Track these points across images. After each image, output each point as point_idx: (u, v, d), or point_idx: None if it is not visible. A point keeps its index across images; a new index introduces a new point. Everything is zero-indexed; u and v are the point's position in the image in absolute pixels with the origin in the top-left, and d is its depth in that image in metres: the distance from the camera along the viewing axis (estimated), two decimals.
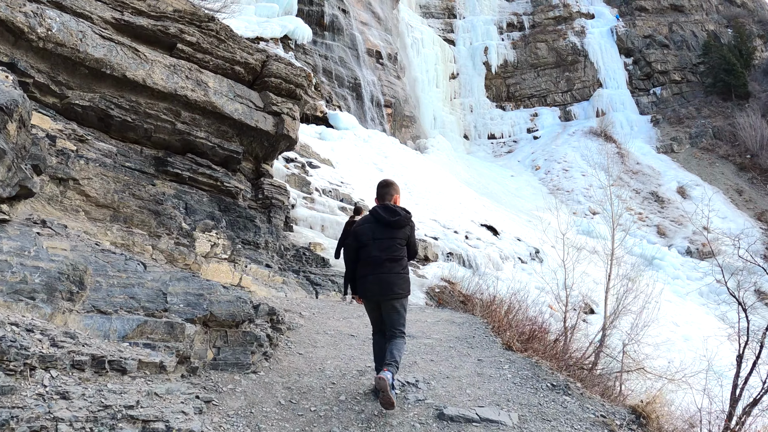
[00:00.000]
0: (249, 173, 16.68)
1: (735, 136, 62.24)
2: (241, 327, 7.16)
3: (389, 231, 6.69)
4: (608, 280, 23.88)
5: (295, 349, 8.26)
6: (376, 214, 6.82)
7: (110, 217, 8.57)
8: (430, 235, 28.96)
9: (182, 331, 6.21)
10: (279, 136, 15.99)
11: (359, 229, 6.89)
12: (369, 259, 6.68)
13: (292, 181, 25.92)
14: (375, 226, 6.76)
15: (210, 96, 15.02)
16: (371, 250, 6.67)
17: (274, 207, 16.48)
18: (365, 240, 6.73)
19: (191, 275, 7.33)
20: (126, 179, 8.93)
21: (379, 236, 6.68)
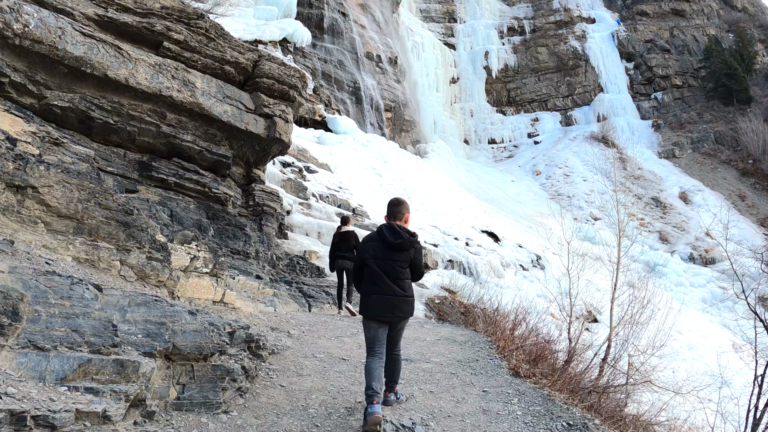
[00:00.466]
0: (239, 179, 15.72)
1: (737, 141, 61.34)
2: (210, 360, 6.18)
3: (391, 252, 6.59)
4: (614, 289, 22.88)
5: (277, 379, 7.28)
6: (381, 234, 6.72)
7: (73, 230, 7.59)
8: (430, 242, 28.00)
9: (135, 370, 5.22)
10: (271, 139, 15.03)
11: (363, 246, 6.86)
12: (371, 278, 6.60)
13: (287, 186, 24.97)
14: (378, 245, 6.67)
15: (197, 97, 14.08)
16: (372, 270, 6.59)
17: (266, 214, 15.53)
18: (367, 258, 6.66)
19: (153, 299, 6.33)
20: (92, 187, 7.94)
21: (381, 256, 6.60)
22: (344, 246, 15.32)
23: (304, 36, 45.88)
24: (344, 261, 15.19)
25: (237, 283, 12.95)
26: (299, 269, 16.94)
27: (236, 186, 15.42)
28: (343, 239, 15.44)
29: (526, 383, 7.76)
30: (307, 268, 17.26)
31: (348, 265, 15.15)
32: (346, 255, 15.22)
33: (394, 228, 6.64)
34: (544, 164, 60.18)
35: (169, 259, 8.83)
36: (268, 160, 16.19)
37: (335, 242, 15.50)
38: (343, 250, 15.29)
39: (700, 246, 49.80)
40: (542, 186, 56.84)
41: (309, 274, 17.19)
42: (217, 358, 6.26)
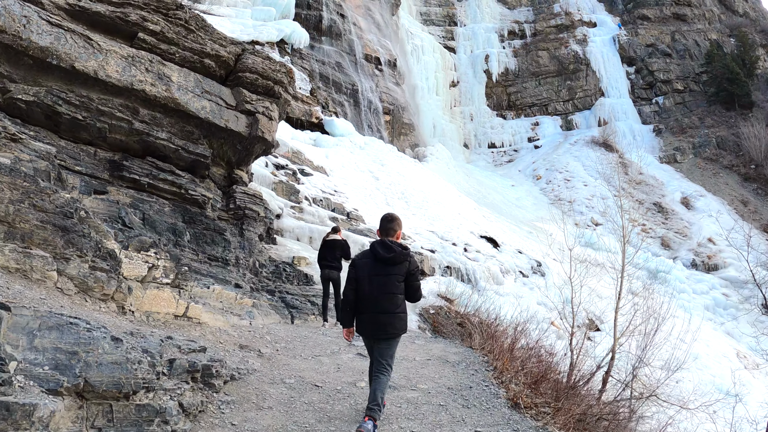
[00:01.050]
0: (220, 180, 14.54)
1: (739, 146, 60.28)
2: (134, 398, 4.97)
3: (385, 267, 6.60)
4: (618, 298, 21.67)
5: (230, 415, 6.08)
6: (373, 250, 6.77)
7: (4, 235, 6.43)
8: (427, 248, 26.80)
9: (28, 414, 4.03)
10: (253, 138, 13.86)
11: (358, 263, 6.81)
12: (365, 297, 6.62)
13: (279, 189, 23.80)
14: (372, 262, 6.69)
15: (173, 91, 12.92)
16: (366, 287, 6.60)
17: (248, 218, 14.35)
18: (361, 276, 6.66)
19: (69, 321, 5.12)
20: (26, 186, 6.78)
21: (375, 272, 6.62)
22: (330, 255, 14.31)
23: (302, 37, 44.77)
24: (330, 271, 14.20)
25: (212, 293, 11.78)
26: (285, 277, 15.75)
27: (216, 188, 14.26)
28: (329, 247, 14.38)
29: (527, 419, 6.57)
30: (294, 275, 16.08)
31: (334, 275, 14.18)
32: (332, 264, 14.23)
33: (385, 243, 6.67)
34: (544, 169, 59.00)
35: (118, 269, 7.67)
36: (252, 160, 15.01)
37: (321, 250, 14.46)
38: (329, 259, 14.29)
39: (702, 252, 48.61)
40: (542, 191, 55.65)
41: (296, 281, 16.00)
42: (143, 396, 5.06)
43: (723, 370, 32.36)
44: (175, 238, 12.75)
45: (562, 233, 44.99)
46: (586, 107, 67.67)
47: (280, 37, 43.66)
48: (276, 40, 43.33)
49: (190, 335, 8.31)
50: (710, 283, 45.02)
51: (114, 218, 11.89)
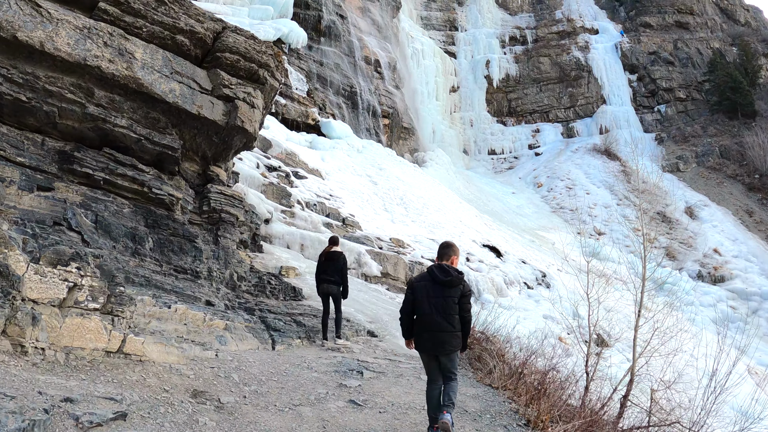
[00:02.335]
0: (193, 177, 12.21)
1: (743, 155, 58.23)
2: None
3: (442, 290, 6.84)
4: (637, 316, 19.36)
5: None
6: (431, 273, 6.97)
7: None
8: (427, 257, 24.52)
9: None
10: (231, 128, 11.55)
11: (417, 285, 7.03)
12: (423, 317, 6.88)
13: (268, 192, 21.51)
14: (430, 284, 6.92)
15: (135, 70, 10.62)
16: (425, 308, 6.86)
17: (224, 223, 12.02)
18: (420, 297, 6.91)
19: None
20: None
21: (434, 294, 6.86)
22: (331, 268, 12.13)
23: (299, 37, 42.47)
24: (330, 285, 12.07)
25: (173, 314, 9.47)
26: (270, 291, 13.41)
27: (188, 186, 11.92)
28: (330, 260, 12.14)
29: None
30: (279, 289, 13.74)
31: (334, 290, 12.04)
32: (332, 279, 12.08)
33: (443, 267, 6.93)
34: (545, 176, 56.79)
35: (13, 290, 5.33)
36: (231, 155, 12.67)
37: (321, 263, 12.32)
38: (329, 273, 12.13)
39: (708, 263, 46.39)
40: (544, 198, 53.42)
41: (282, 296, 13.67)
42: None
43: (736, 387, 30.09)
44: (134, 246, 10.44)
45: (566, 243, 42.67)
46: (587, 115, 65.50)
47: (278, 37, 41.37)
48: (273, 39, 41.02)
49: (121, 383, 6.02)
50: (717, 295, 42.83)
51: (58, 220, 9.62)
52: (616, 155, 58.86)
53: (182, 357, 7.59)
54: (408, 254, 24.14)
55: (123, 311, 6.69)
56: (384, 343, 12.57)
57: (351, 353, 10.84)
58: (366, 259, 20.90)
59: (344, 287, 12.11)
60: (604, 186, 53.65)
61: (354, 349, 11.33)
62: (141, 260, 10.42)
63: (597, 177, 54.93)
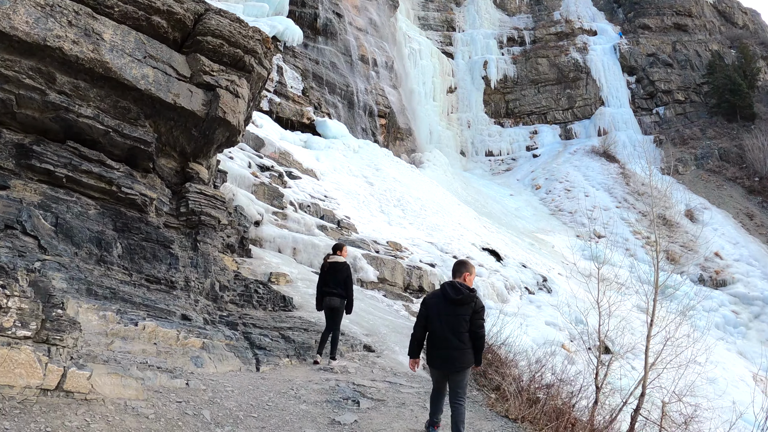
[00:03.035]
0: (170, 176, 10.85)
1: (742, 158, 57.15)
2: None
3: (454, 308, 6.82)
4: (650, 326, 18.10)
5: None
6: (444, 292, 6.95)
7: None
8: (426, 261, 23.20)
9: None
10: (212, 120, 10.22)
11: (430, 303, 7.05)
12: (435, 334, 6.91)
13: (259, 192, 20.16)
14: (442, 302, 6.91)
15: (102, 53, 9.27)
16: (436, 325, 6.88)
17: (204, 227, 10.67)
18: (432, 314, 6.94)
19: None
20: None
21: (445, 312, 6.86)
22: (333, 280, 10.84)
23: (295, 34, 41.10)
24: (332, 298, 10.76)
25: (141, 331, 8.14)
26: (257, 300, 12.06)
27: (164, 185, 10.59)
28: (333, 271, 10.82)
29: None
30: (268, 298, 12.37)
31: (337, 303, 10.75)
32: (335, 291, 10.77)
33: (455, 285, 6.88)
34: (543, 178, 55.47)
35: None
36: (213, 150, 11.30)
37: (323, 273, 11.02)
38: (331, 285, 10.82)
39: (709, 267, 45.19)
40: (542, 201, 52.09)
41: (271, 306, 12.31)
42: None
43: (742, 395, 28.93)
44: (99, 252, 9.10)
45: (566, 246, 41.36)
46: (585, 116, 64.19)
47: (273, 34, 39.96)
48: None
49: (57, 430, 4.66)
50: (719, 300, 41.65)
51: (10, 223, 8.31)
52: (614, 157, 57.60)
53: (143, 390, 6.24)
54: (406, 258, 22.83)
55: (63, 339, 5.34)
56: (382, 359, 11.24)
57: (346, 374, 9.51)
58: (362, 264, 19.57)
59: (348, 301, 10.80)
60: (603, 188, 52.38)
61: (349, 368, 10.00)
62: (107, 269, 9.08)
63: (596, 179, 53.65)
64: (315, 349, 10.41)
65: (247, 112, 12.10)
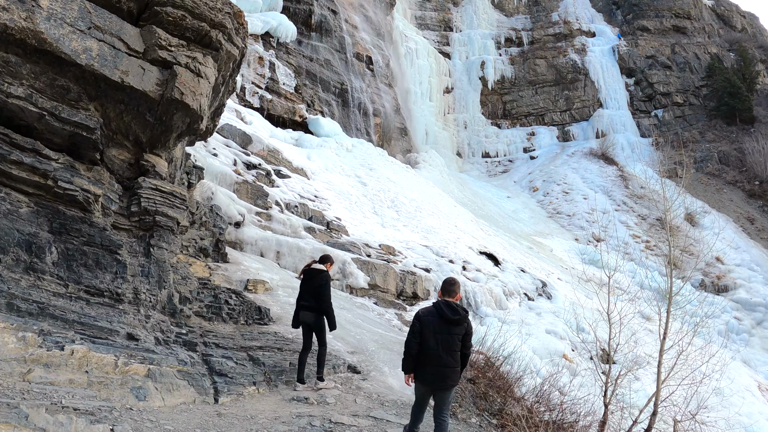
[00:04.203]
0: (122, 169, 9.24)
1: (742, 161, 55.78)
2: None
3: (449, 327, 6.81)
4: (663, 338, 16.60)
5: None
6: (439, 310, 6.86)
7: None
8: (420, 266, 21.62)
9: None
10: (168, 102, 8.59)
11: (424, 319, 6.89)
12: (429, 351, 6.81)
13: (242, 191, 18.55)
14: (438, 320, 6.82)
15: (37, 22, 7.63)
16: (431, 343, 6.79)
17: (160, 229, 9.06)
18: (428, 332, 6.81)
19: None
20: None
21: (440, 331, 6.80)
22: (308, 290, 9.31)
23: (288, 31, 39.51)
24: (305, 313, 9.17)
25: (69, 357, 6.54)
26: (227, 313, 10.44)
27: (115, 180, 8.95)
28: (307, 280, 9.25)
29: None
30: (240, 310, 10.74)
31: (309, 319, 9.18)
32: (306, 304, 9.22)
33: (451, 305, 6.84)
34: (541, 180, 53.88)
35: None
36: (173, 140, 9.63)
37: (300, 284, 9.52)
38: (304, 296, 9.28)
39: (711, 272, 43.72)
40: (540, 203, 50.49)
41: (244, 319, 10.69)
42: None
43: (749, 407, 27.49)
44: (29, 258, 7.50)
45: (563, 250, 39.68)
46: (583, 118, 62.57)
47: (265, 30, 38.41)
48: (260, 32, 38.09)
49: None
50: (721, 306, 40.13)
51: None
52: (613, 160, 56.08)
53: None
54: (399, 263, 21.23)
55: None
56: (369, 382, 9.62)
57: (323, 406, 7.91)
58: (352, 269, 17.95)
59: (327, 315, 9.18)
60: (602, 191, 50.83)
61: (328, 396, 8.39)
62: (38, 278, 7.48)
63: (594, 182, 52.10)
64: (287, 374, 8.79)
65: (217, 99, 10.48)
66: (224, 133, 24.26)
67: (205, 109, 9.02)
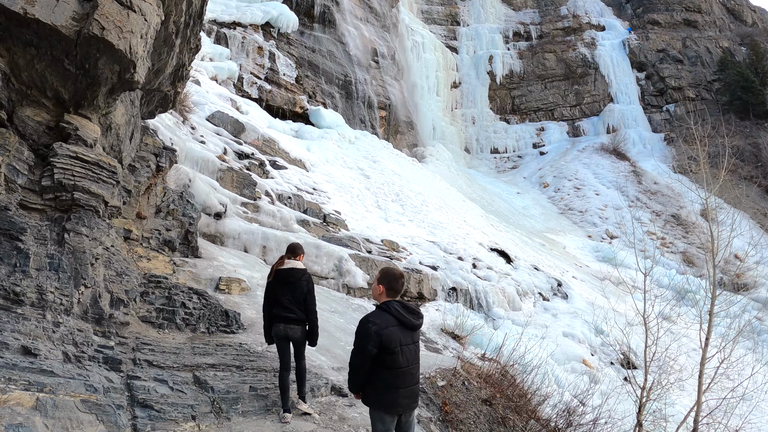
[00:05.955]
0: (39, 134, 6.99)
1: (757, 156, 53.44)
2: None
3: (412, 335, 5.35)
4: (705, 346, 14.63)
5: None
6: (398, 315, 5.22)
7: None
8: (427, 264, 19.39)
9: None
10: (87, 41, 6.32)
11: (384, 334, 5.09)
12: (401, 371, 5.19)
13: (226, 179, 16.36)
14: (399, 330, 5.20)
15: None
16: (401, 361, 5.17)
17: (80, 208, 6.79)
18: (393, 348, 5.13)
19: None
20: None
21: (405, 342, 5.24)
22: (287, 296, 6.94)
23: (290, 21, 37.42)
24: (290, 326, 6.87)
25: None
26: (182, 319, 8.22)
27: (25, 148, 6.71)
28: (285, 283, 6.98)
29: None
30: (201, 315, 8.52)
31: (298, 334, 6.92)
32: (291, 315, 6.87)
33: (409, 307, 5.35)
34: (551, 176, 51.56)
35: None
36: (103, 96, 7.35)
37: (270, 288, 7.08)
38: (284, 303, 6.90)
39: (729, 270, 41.28)
40: (551, 199, 48.18)
41: (204, 326, 8.47)
42: None
43: None
44: None
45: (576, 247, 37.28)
46: (594, 113, 60.19)
47: (266, 20, 36.36)
48: (261, 22, 36.04)
49: None
50: (742, 305, 37.74)
51: None
52: (625, 155, 53.75)
53: None
54: (403, 259, 19.04)
55: None
56: (357, 409, 7.37)
57: None
58: (349, 267, 15.73)
59: (311, 328, 7.03)
60: (614, 187, 48.48)
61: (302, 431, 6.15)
62: None
63: (606, 177, 49.77)
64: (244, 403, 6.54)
65: (171, 55, 8.26)
66: (215, 121, 22.15)
67: (138, 52, 6.77)
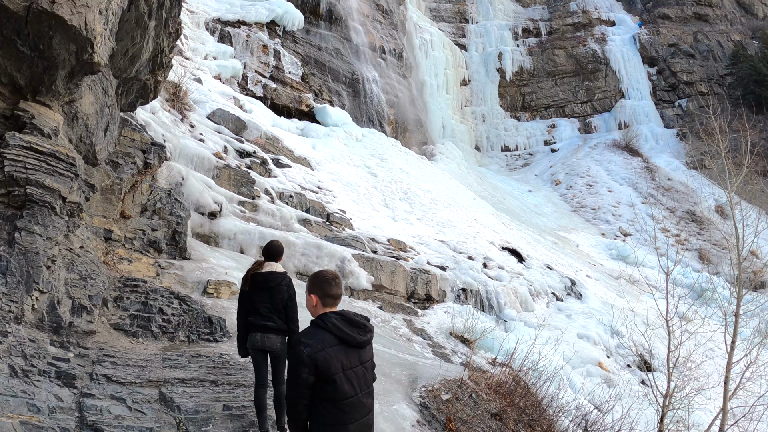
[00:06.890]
0: None
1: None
2: None
3: (359, 354, 3.99)
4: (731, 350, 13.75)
5: None
6: (340, 333, 3.91)
7: None
8: (435, 263, 18.50)
9: None
10: (38, 16, 5.41)
11: (321, 356, 3.78)
12: (345, 402, 3.86)
13: (224, 177, 15.52)
14: (342, 351, 3.89)
15: None
16: (347, 390, 3.86)
17: (33, 204, 5.91)
18: (335, 374, 3.80)
19: None
20: None
21: (350, 365, 3.91)
22: (266, 303, 6.12)
23: (295, 19, 36.59)
24: (268, 336, 6.04)
25: None
26: (159, 326, 7.37)
27: None
28: (264, 288, 6.14)
29: None
30: (181, 321, 7.67)
31: (277, 345, 6.05)
32: (270, 323, 6.04)
33: (352, 319, 4.00)
34: (563, 173, 50.53)
35: None
36: (61, 80, 6.47)
37: (245, 295, 6.31)
38: (262, 311, 6.09)
39: (746, 267, 39.97)
40: (563, 197, 47.16)
41: (184, 334, 7.62)
42: None
43: None
44: None
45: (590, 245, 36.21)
46: (605, 109, 59.06)
47: (271, 18, 35.56)
48: (266, 21, 35.25)
49: None
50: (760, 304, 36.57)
51: None
52: (637, 151, 52.66)
53: None
54: (410, 260, 18.15)
55: None
56: None
57: None
58: (352, 267, 14.86)
59: (291, 340, 6.04)
60: (627, 183, 47.43)
61: None
62: None
63: (619, 174, 48.73)
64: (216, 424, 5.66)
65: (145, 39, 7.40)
66: (216, 119, 21.34)
67: (96, 29, 5.90)
